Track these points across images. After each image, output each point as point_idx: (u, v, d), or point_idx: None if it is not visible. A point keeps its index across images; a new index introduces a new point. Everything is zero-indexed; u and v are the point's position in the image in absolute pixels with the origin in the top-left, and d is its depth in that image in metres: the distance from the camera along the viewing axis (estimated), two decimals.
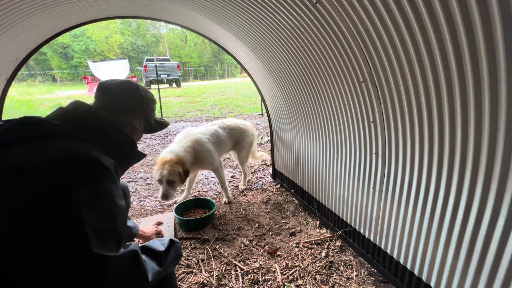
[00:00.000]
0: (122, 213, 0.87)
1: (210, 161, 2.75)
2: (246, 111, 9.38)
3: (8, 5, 1.86)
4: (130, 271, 0.82)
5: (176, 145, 2.66)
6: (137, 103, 1.15)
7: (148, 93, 1.21)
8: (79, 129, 0.93)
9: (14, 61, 2.62)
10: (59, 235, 0.72)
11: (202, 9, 2.41)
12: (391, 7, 1.20)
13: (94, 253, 0.73)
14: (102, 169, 0.84)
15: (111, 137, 1.00)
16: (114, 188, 0.85)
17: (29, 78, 25.63)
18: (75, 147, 0.85)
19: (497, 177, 1.07)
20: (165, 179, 2.35)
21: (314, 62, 1.97)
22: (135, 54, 41.47)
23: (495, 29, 0.91)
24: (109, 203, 0.83)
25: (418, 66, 1.24)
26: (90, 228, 0.74)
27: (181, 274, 1.89)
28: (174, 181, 2.38)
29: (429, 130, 1.33)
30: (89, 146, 0.89)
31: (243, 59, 3.17)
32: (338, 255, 2.07)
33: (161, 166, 2.39)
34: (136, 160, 1.15)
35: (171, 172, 2.35)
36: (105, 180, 0.84)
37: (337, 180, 2.23)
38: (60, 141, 0.86)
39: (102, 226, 0.78)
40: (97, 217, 0.78)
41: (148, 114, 1.20)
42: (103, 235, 0.77)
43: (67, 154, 0.81)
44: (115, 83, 1.14)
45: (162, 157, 2.47)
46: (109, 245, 0.78)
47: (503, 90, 0.96)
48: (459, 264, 1.29)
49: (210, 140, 2.81)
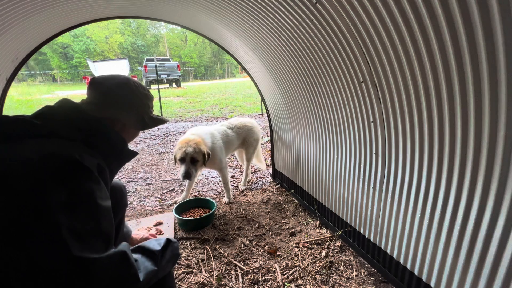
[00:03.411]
0: (106, 214, 0.84)
1: (220, 158, 2.75)
2: (246, 111, 9.38)
3: (8, 5, 1.86)
4: (118, 272, 0.80)
5: (196, 131, 2.66)
6: (126, 98, 1.09)
7: (141, 87, 1.16)
8: (62, 127, 0.89)
9: (14, 61, 2.61)
10: (37, 239, 0.70)
11: (202, 9, 2.41)
12: (391, 7, 1.20)
13: (75, 256, 0.71)
14: (81, 170, 0.80)
15: (96, 135, 0.96)
16: (96, 189, 0.82)
17: (29, 78, 25.64)
18: (54, 147, 0.82)
19: (497, 177, 1.07)
20: (190, 156, 2.29)
21: (314, 62, 1.97)
22: (135, 54, 41.45)
23: (495, 29, 0.91)
24: (90, 204, 0.79)
25: (418, 66, 1.24)
26: (69, 231, 0.72)
27: (181, 274, 1.89)
28: (197, 161, 2.33)
29: (429, 130, 1.33)
30: (70, 145, 0.86)
31: (243, 59, 3.17)
32: (338, 255, 2.07)
33: (185, 144, 2.35)
34: (126, 159, 1.11)
35: (197, 150, 2.30)
36: (85, 180, 0.80)
37: (337, 180, 2.23)
38: (39, 141, 0.83)
39: (84, 228, 0.76)
40: (77, 219, 0.75)
41: (140, 110, 1.14)
42: (85, 237, 0.75)
43: (44, 155, 0.78)
44: (105, 77, 1.10)
45: (186, 138, 2.46)
46: (94, 247, 0.76)
47: (503, 90, 0.96)
48: (459, 264, 1.29)
49: (222, 138, 2.84)
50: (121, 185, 1.50)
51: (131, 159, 1.14)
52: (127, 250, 0.85)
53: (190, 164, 2.33)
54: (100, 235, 0.80)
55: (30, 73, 27.56)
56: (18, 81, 21.81)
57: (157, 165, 4.32)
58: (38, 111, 0.93)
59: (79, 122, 0.94)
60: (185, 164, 2.34)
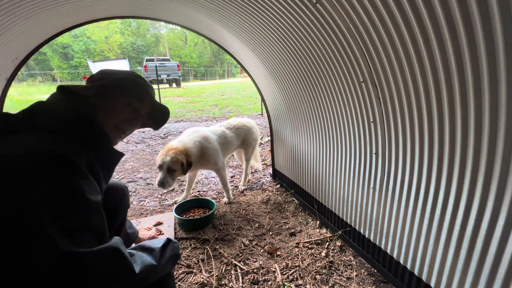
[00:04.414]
0: (96, 208, 0.82)
1: (215, 160, 2.75)
2: (246, 111, 9.38)
3: (8, 5, 1.86)
4: (112, 265, 0.79)
5: (185, 137, 2.65)
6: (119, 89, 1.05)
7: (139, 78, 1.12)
8: (50, 121, 0.87)
9: (14, 61, 2.62)
10: (24, 237, 0.69)
11: (202, 8, 2.41)
12: (391, 7, 1.20)
13: (64, 251, 0.70)
14: (66, 165, 0.78)
15: (85, 128, 0.93)
16: (84, 184, 0.80)
17: (29, 78, 25.63)
18: (38, 142, 0.80)
19: (497, 177, 1.07)
20: (166, 165, 2.29)
21: (314, 62, 1.97)
22: (135, 54, 41.44)
23: (495, 29, 0.91)
24: (77, 199, 0.77)
25: (418, 66, 1.24)
26: (55, 227, 0.71)
27: (181, 274, 1.89)
28: (174, 170, 2.32)
29: (429, 130, 1.33)
30: (57, 140, 0.84)
31: (243, 59, 3.18)
32: (338, 255, 2.07)
33: (165, 152, 2.35)
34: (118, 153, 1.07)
35: (174, 160, 2.29)
36: (71, 175, 0.78)
37: (337, 180, 2.23)
38: (24, 136, 0.81)
39: (72, 223, 0.74)
40: (64, 214, 0.74)
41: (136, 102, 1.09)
42: (74, 232, 0.74)
43: (27, 150, 0.76)
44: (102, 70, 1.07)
45: (170, 145, 2.46)
46: (84, 242, 0.75)
47: (503, 90, 0.96)
48: (459, 264, 1.29)
49: (217, 140, 2.83)
50: (123, 185, 1.49)
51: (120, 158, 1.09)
52: (119, 244, 0.83)
53: (166, 173, 2.31)
54: (90, 230, 0.79)
55: (30, 73, 27.54)
56: (18, 81, 21.81)
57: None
58: (28, 107, 0.91)
59: (68, 115, 0.91)
60: (162, 172, 2.33)
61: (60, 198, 0.74)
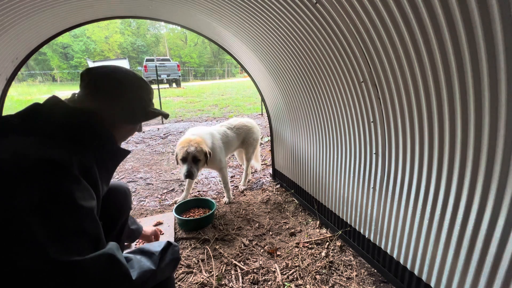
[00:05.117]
0: (88, 214, 0.80)
1: (220, 158, 2.77)
2: (246, 111, 9.38)
3: (8, 5, 1.86)
4: (106, 272, 0.77)
5: (198, 130, 2.69)
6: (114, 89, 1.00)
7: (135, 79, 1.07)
8: (44, 124, 0.84)
9: (14, 61, 2.62)
10: (13, 243, 0.67)
11: (202, 9, 2.41)
12: (391, 7, 1.20)
13: (54, 259, 0.68)
14: (56, 169, 0.75)
15: (82, 130, 0.90)
16: (75, 189, 0.77)
17: (29, 78, 25.61)
18: (29, 146, 0.77)
19: (497, 177, 1.07)
20: (192, 155, 2.33)
21: (314, 62, 1.97)
22: (135, 54, 41.44)
23: (495, 29, 0.91)
24: (68, 205, 0.75)
25: (418, 66, 1.24)
26: (45, 233, 0.69)
27: (181, 274, 1.89)
28: (199, 160, 2.36)
29: (429, 130, 1.33)
30: (49, 144, 0.81)
31: (243, 59, 3.18)
32: (338, 255, 2.07)
33: (187, 144, 2.38)
34: (117, 156, 1.04)
35: (199, 149, 2.34)
36: (61, 180, 0.75)
37: (337, 180, 2.23)
38: (16, 139, 0.79)
39: (62, 229, 0.72)
40: (54, 220, 0.71)
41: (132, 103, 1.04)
42: (64, 238, 0.72)
43: (16, 154, 0.73)
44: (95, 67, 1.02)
45: (186, 138, 2.49)
46: (76, 248, 0.73)
47: (503, 90, 0.96)
48: (459, 264, 1.29)
49: (221, 139, 2.87)
50: (125, 187, 1.47)
51: (124, 157, 1.07)
52: (114, 250, 0.81)
53: (192, 163, 2.36)
54: (83, 235, 0.76)
55: (30, 73, 27.53)
56: (18, 81, 21.79)
57: (157, 165, 4.32)
58: (23, 109, 0.87)
59: (63, 118, 0.88)
60: (187, 164, 2.36)
61: (50, 203, 0.72)
